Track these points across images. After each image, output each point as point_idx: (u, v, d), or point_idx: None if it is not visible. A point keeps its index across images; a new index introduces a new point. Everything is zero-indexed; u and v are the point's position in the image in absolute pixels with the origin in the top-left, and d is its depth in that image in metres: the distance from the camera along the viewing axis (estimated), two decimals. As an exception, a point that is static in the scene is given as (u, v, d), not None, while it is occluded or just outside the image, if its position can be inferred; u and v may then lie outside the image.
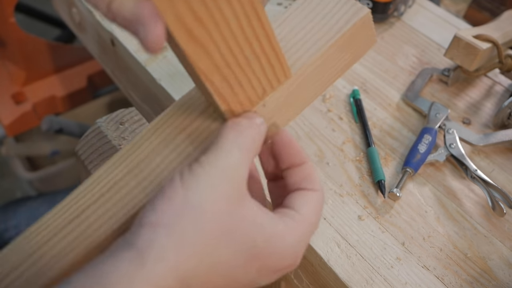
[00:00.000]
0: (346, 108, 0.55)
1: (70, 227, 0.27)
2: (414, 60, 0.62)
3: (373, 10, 0.65)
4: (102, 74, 1.11)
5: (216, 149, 0.26)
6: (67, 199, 0.28)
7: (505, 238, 0.45)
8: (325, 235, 0.44)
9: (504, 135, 0.50)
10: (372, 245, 0.43)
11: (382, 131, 0.53)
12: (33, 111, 1.03)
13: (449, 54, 0.54)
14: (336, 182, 0.48)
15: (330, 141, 0.52)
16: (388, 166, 0.50)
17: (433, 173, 0.50)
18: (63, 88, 1.07)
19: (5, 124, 1.00)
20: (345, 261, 0.42)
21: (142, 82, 0.62)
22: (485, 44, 0.52)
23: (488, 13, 0.71)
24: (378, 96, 0.57)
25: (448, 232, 0.45)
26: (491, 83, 0.60)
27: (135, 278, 0.22)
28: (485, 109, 0.57)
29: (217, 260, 0.24)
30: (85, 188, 0.28)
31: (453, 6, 0.78)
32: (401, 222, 0.45)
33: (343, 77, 0.59)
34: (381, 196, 0.47)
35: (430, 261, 0.43)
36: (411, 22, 0.67)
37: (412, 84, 0.58)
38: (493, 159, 0.51)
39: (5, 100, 1.01)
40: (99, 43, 0.72)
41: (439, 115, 0.52)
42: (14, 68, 1.02)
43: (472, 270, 0.43)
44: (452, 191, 0.48)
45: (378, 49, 0.63)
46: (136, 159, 0.29)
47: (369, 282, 0.41)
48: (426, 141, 0.50)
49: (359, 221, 0.45)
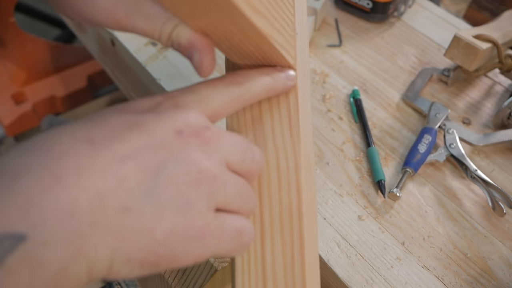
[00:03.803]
0: (346, 108, 0.55)
1: None
2: (414, 60, 0.62)
3: (373, 10, 0.65)
4: (102, 74, 1.11)
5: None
6: None
7: (505, 238, 0.45)
8: (325, 235, 0.44)
9: (504, 135, 0.50)
10: (372, 245, 0.43)
11: (382, 131, 0.53)
12: (33, 111, 1.03)
13: (449, 54, 0.54)
14: (336, 182, 0.48)
15: (330, 141, 0.52)
16: (388, 166, 0.50)
17: (433, 173, 0.50)
18: (63, 88, 1.07)
19: (5, 124, 1.00)
20: (345, 261, 0.42)
21: (142, 82, 0.62)
22: (485, 44, 0.52)
23: (488, 13, 0.71)
24: (378, 96, 0.57)
25: (448, 232, 0.45)
26: (491, 83, 0.60)
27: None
28: (485, 109, 0.57)
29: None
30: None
31: (453, 6, 0.78)
32: (401, 222, 0.45)
33: (343, 77, 0.59)
34: (381, 196, 0.47)
35: (430, 261, 0.43)
36: (411, 22, 0.67)
37: (412, 84, 0.58)
38: (493, 159, 0.51)
39: (5, 100, 1.01)
40: (99, 43, 0.72)
41: (439, 115, 0.52)
42: (14, 68, 1.02)
43: (472, 270, 0.43)
44: (452, 191, 0.48)
45: (378, 49, 0.63)
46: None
47: (369, 282, 0.41)
48: (426, 141, 0.50)
49: (359, 221, 0.45)
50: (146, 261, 0.22)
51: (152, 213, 0.22)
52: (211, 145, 0.25)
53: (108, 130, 0.23)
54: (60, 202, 0.20)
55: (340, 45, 0.63)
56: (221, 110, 0.28)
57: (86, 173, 0.21)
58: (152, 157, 0.23)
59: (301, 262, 0.28)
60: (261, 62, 0.31)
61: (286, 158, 0.30)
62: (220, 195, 0.24)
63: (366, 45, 0.63)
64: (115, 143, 0.22)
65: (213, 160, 0.24)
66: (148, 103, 0.26)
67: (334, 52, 0.62)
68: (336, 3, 0.68)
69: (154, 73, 0.56)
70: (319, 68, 0.60)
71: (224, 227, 0.25)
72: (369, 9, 0.65)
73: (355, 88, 0.56)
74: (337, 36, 0.64)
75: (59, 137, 0.22)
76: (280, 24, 0.29)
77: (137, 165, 0.22)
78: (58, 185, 0.20)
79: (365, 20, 0.67)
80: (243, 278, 0.28)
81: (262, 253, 0.28)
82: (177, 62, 0.58)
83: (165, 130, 0.24)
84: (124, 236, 0.21)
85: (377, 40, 0.64)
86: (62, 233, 0.20)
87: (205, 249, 0.24)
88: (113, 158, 0.22)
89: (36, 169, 0.20)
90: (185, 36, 0.27)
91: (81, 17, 0.29)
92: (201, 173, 0.24)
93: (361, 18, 0.67)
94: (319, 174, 0.49)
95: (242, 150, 0.26)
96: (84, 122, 0.24)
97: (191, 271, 0.41)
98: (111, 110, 0.25)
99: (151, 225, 0.22)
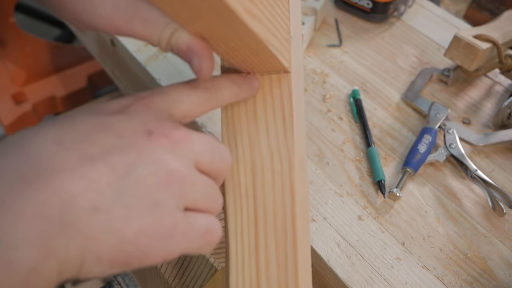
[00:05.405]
0: (346, 108, 0.55)
1: None
2: (414, 60, 0.62)
3: (373, 10, 0.65)
4: (102, 74, 1.11)
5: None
6: None
7: (505, 238, 0.45)
8: (325, 235, 0.44)
9: (504, 135, 0.50)
10: (372, 245, 0.43)
11: (382, 131, 0.53)
12: (33, 111, 1.03)
13: (449, 54, 0.54)
14: (336, 182, 0.48)
15: (330, 141, 0.52)
16: (388, 166, 0.50)
17: (433, 173, 0.50)
18: (63, 88, 1.07)
19: (5, 124, 1.00)
20: (345, 261, 0.42)
21: (142, 82, 0.62)
22: (485, 44, 0.52)
23: (488, 13, 0.71)
24: (378, 96, 0.57)
25: (448, 232, 0.45)
26: (491, 83, 0.60)
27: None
28: (485, 109, 0.57)
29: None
30: None
31: (453, 6, 0.78)
32: (401, 222, 0.45)
33: (343, 77, 0.59)
34: (381, 196, 0.47)
35: (430, 261, 0.43)
36: (411, 22, 0.67)
37: (412, 84, 0.58)
38: (493, 159, 0.51)
39: (5, 100, 1.01)
40: (99, 43, 0.72)
41: (439, 115, 0.52)
42: (14, 68, 1.02)
43: (472, 270, 0.43)
44: (452, 191, 0.48)
45: (378, 49, 0.63)
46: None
47: (369, 282, 0.41)
48: (426, 141, 0.50)
49: (359, 221, 0.45)
50: (116, 260, 0.23)
51: (122, 213, 0.22)
52: (180, 146, 0.25)
53: (78, 132, 0.23)
54: (31, 204, 0.20)
55: (340, 45, 0.63)
56: (190, 112, 0.29)
57: (56, 174, 0.21)
58: (122, 158, 0.23)
59: (294, 262, 0.29)
60: (256, 65, 0.32)
61: (280, 159, 0.31)
62: (188, 195, 0.25)
63: (366, 45, 0.63)
64: (85, 144, 0.23)
65: (182, 160, 0.25)
66: (118, 104, 0.27)
67: (334, 52, 0.62)
68: (336, 3, 0.68)
69: (154, 73, 0.56)
70: (319, 68, 0.60)
71: (192, 226, 0.25)
72: (369, 9, 0.65)
73: (355, 88, 0.56)
74: (337, 36, 0.64)
75: (31, 138, 0.23)
76: (275, 27, 0.29)
77: (107, 166, 0.23)
78: (29, 187, 0.21)
79: (365, 20, 0.67)
80: (237, 277, 0.29)
81: (256, 253, 0.29)
82: (177, 62, 0.58)
83: (135, 131, 0.24)
84: (94, 235, 0.22)
85: (377, 40, 0.64)
86: (33, 234, 0.20)
87: (174, 247, 0.24)
88: (83, 159, 0.22)
89: (7, 171, 0.21)
90: (184, 41, 0.28)
91: (80, 22, 0.29)
92: (170, 174, 0.24)
93: (361, 18, 0.67)
94: (319, 174, 0.49)
95: (211, 150, 0.27)
96: (56, 123, 0.24)
97: (191, 271, 0.41)
98: (82, 112, 0.25)
99: (121, 225, 0.22)
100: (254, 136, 0.32)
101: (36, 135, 0.23)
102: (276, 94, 0.32)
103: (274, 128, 0.31)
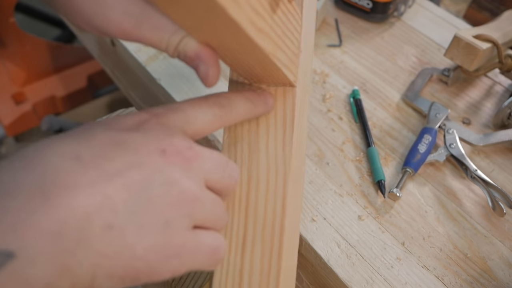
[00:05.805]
0: (346, 108, 0.55)
1: None
2: (414, 60, 0.62)
3: (373, 10, 0.65)
4: (102, 74, 1.11)
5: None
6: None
7: (505, 238, 0.45)
8: (325, 235, 0.44)
9: (504, 135, 0.50)
10: (372, 245, 0.43)
11: (382, 131, 0.53)
12: (33, 111, 1.03)
13: (449, 54, 0.54)
14: (336, 182, 0.48)
15: (330, 141, 0.52)
16: (388, 166, 0.50)
17: (433, 173, 0.50)
18: (63, 88, 1.07)
19: (5, 124, 1.00)
20: (345, 261, 0.42)
21: (142, 82, 0.62)
22: (485, 44, 0.52)
23: (488, 13, 0.71)
24: (378, 96, 0.57)
25: (448, 232, 0.45)
26: (491, 83, 0.60)
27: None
28: (485, 109, 0.57)
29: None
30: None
31: (453, 6, 0.78)
32: (401, 222, 0.45)
33: (343, 77, 0.59)
34: (381, 196, 0.47)
35: (430, 261, 0.43)
36: (411, 22, 0.67)
37: (412, 84, 0.58)
38: (493, 159, 0.51)
39: (5, 100, 1.01)
40: (99, 43, 0.72)
41: (439, 115, 0.52)
42: (14, 68, 1.02)
43: (472, 270, 0.43)
44: (452, 191, 0.48)
45: (378, 49, 0.63)
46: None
47: (369, 282, 0.41)
48: (426, 141, 0.50)
49: (359, 221, 0.45)
50: (126, 276, 0.23)
51: (134, 232, 0.23)
52: (192, 164, 0.26)
53: (96, 147, 0.24)
54: (49, 221, 0.21)
55: (340, 45, 0.63)
56: (203, 130, 0.29)
57: (74, 191, 0.22)
58: (138, 176, 0.23)
59: (277, 271, 0.29)
60: (262, 76, 0.32)
61: (276, 172, 0.31)
62: (198, 214, 0.26)
63: (366, 45, 0.63)
64: (103, 161, 0.23)
65: (194, 180, 0.25)
66: (133, 120, 0.27)
67: (334, 52, 0.62)
68: (336, 3, 0.68)
69: (154, 73, 0.56)
70: (319, 68, 0.60)
71: (200, 245, 0.26)
72: (369, 9, 0.65)
73: (355, 88, 0.56)
74: (337, 36, 0.64)
75: (48, 152, 0.23)
76: (284, 42, 0.30)
77: (122, 184, 0.23)
78: (47, 203, 0.21)
79: (365, 20, 0.67)
80: (220, 280, 0.29)
81: (242, 258, 0.30)
82: (177, 62, 0.58)
83: (149, 149, 0.25)
84: (106, 253, 0.22)
85: (377, 40, 0.64)
86: (50, 251, 0.20)
87: (181, 265, 0.25)
88: (100, 176, 0.22)
89: (26, 187, 0.21)
90: (192, 48, 0.28)
91: (90, 27, 0.29)
92: (182, 194, 0.24)
93: (361, 18, 0.67)
94: (319, 174, 0.49)
95: (221, 168, 0.27)
96: (72, 137, 0.24)
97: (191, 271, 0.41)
98: (97, 126, 0.26)
99: (132, 243, 0.23)
100: (254, 146, 0.32)
101: (54, 150, 0.23)
102: (280, 106, 0.33)
103: (274, 140, 0.32)
